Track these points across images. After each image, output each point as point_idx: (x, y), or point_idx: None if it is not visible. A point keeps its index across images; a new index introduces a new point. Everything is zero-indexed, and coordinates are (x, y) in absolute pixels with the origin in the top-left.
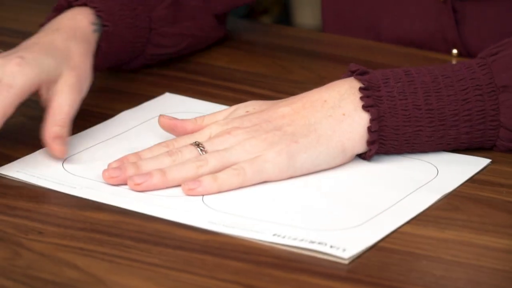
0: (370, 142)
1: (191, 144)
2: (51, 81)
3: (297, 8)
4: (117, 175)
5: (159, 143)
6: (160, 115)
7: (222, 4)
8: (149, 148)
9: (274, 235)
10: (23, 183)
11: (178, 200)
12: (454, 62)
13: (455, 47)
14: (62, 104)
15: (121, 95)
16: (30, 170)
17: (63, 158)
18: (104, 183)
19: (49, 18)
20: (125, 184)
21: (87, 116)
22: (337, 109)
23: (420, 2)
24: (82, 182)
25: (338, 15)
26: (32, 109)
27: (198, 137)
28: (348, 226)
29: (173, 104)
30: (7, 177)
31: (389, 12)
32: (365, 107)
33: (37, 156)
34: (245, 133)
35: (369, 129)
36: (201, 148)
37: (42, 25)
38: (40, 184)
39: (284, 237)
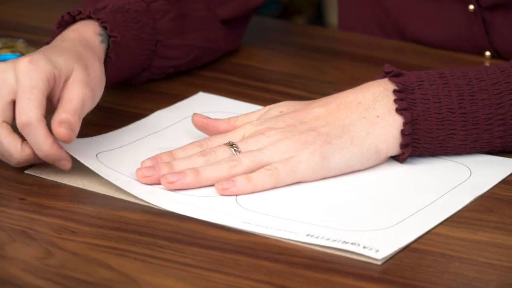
0: (403, 145)
1: (225, 144)
2: (63, 78)
3: (330, 9)
4: (150, 174)
5: (193, 143)
6: (194, 114)
7: (227, 12)
8: (183, 147)
9: (307, 235)
10: (56, 182)
11: (212, 200)
12: (487, 64)
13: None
14: (72, 97)
15: (155, 95)
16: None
17: (69, 143)
18: (137, 181)
19: (53, 35)
20: (159, 183)
21: (121, 116)
22: (371, 111)
23: (449, 12)
24: (116, 182)
25: (368, 25)
26: None
27: (232, 137)
28: (381, 227)
29: (206, 104)
30: (40, 176)
31: (418, 21)
32: (398, 110)
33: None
34: (279, 133)
35: (403, 132)
36: (235, 148)
37: (47, 42)
38: (73, 184)
39: (317, 237)
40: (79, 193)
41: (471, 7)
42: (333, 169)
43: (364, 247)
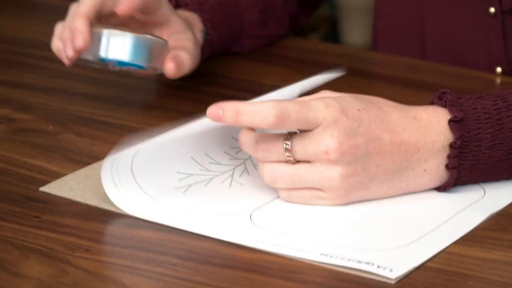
0: (441, 189)
1: (284, 139)
2: (177, 31)
3: (346, 26)
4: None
5: (265, 103)
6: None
7: (296, 7)
8: (254, 108)
9: (321, 254)
10: (70, 200)
11: (226, 219)
12: (498, 81)
13: (499, 64)
14: (187, 47)
15: (169, 113)
16: (78, 186)
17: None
18: (152, 198)
19: None
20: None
21: (135, 134)
22: (422, 164)
23: (469, 14)
24: (130, 200)
25: (388, 26)
26: (79, 126)
27: (293, 117)
28: (395, 246)
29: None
30: (54, 194)
31: (437, 23)
32: (448, 168)
33: (85, 173)
34: (338, 162)
35: (444, 187)
36: (289, 154)
37: None
38: (87, 201)
39: (331, 256)
40: (93, 211)
41: (492, 9)
42: (352, 201)
43: (378, 266)
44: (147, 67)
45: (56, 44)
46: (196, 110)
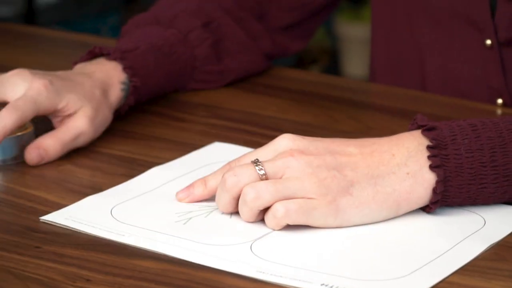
0: (433, 202)
1: (251, 162)
2: (68, 112)
3: (346, 58)
4: (184, 198)
5: (225, 165)
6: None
7: (270, 47)
8: (214, 173)
9: (322, 284)
10: (71, 230)
11: (226, 249)
12: (499, 112)
13: (500, 95)
14: (70, 127)
15: (170, 144)
16: (79, 217)
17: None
18: (152, 230)
19: (82, 59)
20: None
21: (136, 165)
22: (403, 167)
23: (466, 47)
24: (131, 230)
25: (385, 58)
26: (80, 156)
27: (261, 154)
28: (396, 277)
29: (222, 153)
30: (55, 224)
31: (435, 57)
32: (432, 167)
33: (85, 204)
34: (308, 163)
35: (434, 191)
36: (260, 167)
37: (75, 62)
38: (89, 231)
39: (332, 286)
40: (94, 241)
41: (488, 42)
42: (346, 221)
43: None
44: (9, 160)
45: None
46: (198, 142)
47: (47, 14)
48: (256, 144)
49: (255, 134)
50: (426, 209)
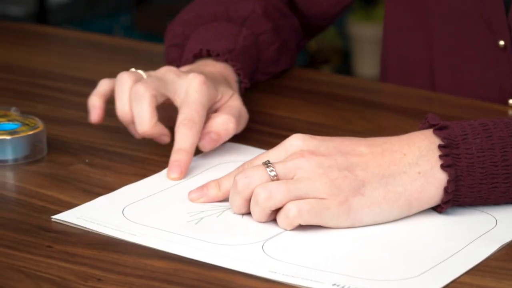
0: (444, 202)
1: (263, 164)
2: (220, 104)
3: (357, 58)
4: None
5: (238, 167)
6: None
7: (302, 41)
8: (228, 174)
9: (333, 285)
10: (83, 229)
11: (238, 248)
12: (511, 112)
13: (511, 95)
14: (233, 106)
15: None
16: (90, 216)
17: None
18: (164, 230)
19: (188, 61)
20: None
21: (147, 165)
22: (414, 167)
23: (478, 48)
24: (142, 230)
25: (396, 58)
26: (92, 156)
27: (272, 156)
28: (408, 277)
29: (233, 153)
30: (67, 223)
31: (446, 57)
32: (443, 167)
33: (97, 203)
34: (319, 163)
35: (446, 190)
36: (271, 169)
37: (178, 65)
38: (100, 230)
39: (343, 287)
40: (105, 241)
41: (502, 43)
42: (358, 221)
43: None
44: (21, 159)
45: (93, 101)
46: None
47: (59, 14)
48: (268, 144)
49: (266, 134)
50: (438, 209)
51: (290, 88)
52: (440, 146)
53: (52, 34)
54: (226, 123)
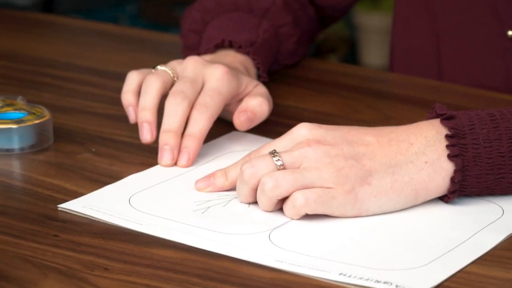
0: (451, 192)
1: (269, 154)
2: (245, 94)
3: (364, 47)
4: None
5: (244, 156)
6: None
7: (316, 32)
8: (235, 163)
9: (340, 274)
10: (89, 219)
11: (245, 238)
12: None
13: None
14: (253, 104)
15: None
16: (97, 205)
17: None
18: (171, 219)
19: (209, 50)
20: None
21: (154, 154)
22: (421, 156)
23: (486, 37)
24: (149, 219)
25: (405, 47)
26: (98, 145)
27: (278, 145)
28: (414, 266)
29: (240, 142)
30: (73, 212)
31: (454, 46)
32: (450, 157)
33: (103, 192)
34: (326, 152)
35: (452, 180)
36: (277, 158)
37: (198, 53)
38: (107, 220)
39: (350, 276)
40: (112, 230)
41: (510, 32)
42: (365, 210)
43: (396, 286)
44: (27, 148)
45: (127, 99)
46: (216, 131)
47: (65, 3)
48: (274, 133)
49: (273, 123)
50: (445, 198)
51: (297, 78)
52: (447, 136)
53: (58, 23)
54: (261, 104)
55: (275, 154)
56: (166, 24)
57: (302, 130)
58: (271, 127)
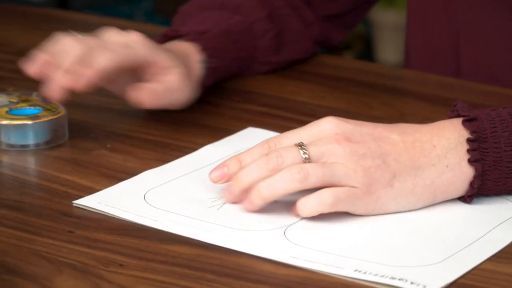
0: (469, 196)
1: (295, 145)
2: (162, 68)
3: (379, 44)
4: (219, 179)
5: (261, 143)
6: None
7: (318, 34)
8: (250, 150)
9: (355, 270)
10: (104, 215)
11: (260, 234)
12: None
13: None
14: (164, 80)
15: (204, 129)
16: (112, 202)
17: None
18: (186, 216)
19: (158, 42)
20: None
21: (169, 150)
22: (442, 160)
23: (504, 33)
24: (164, 215)
25: (420, 44)
26: (113, 141)
27: (304, 136)
28: (429, 263)
29: (255, 139)
30: (88, 208)
31: (471, 43)
32: (471, 161)
33: (118, 188)
34: (353, 151)
35: (471, 185)
36: (304, 150)
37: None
38: (122, 216)
39: (365, 272)
40: (127, 226)
41: None
42: (383, 211)
43: (411, 283)
44: (42, 144)
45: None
46: (231, 127)
47: None
48: (288, 129)
49: (288, 120)
50: (461, 199)
51: (312, 74)
52: (468, 140)
53: (73, 20)
54: (148, 91)
55: (302, 146)
56: None
57: (329, 125)
58: (286, 123)
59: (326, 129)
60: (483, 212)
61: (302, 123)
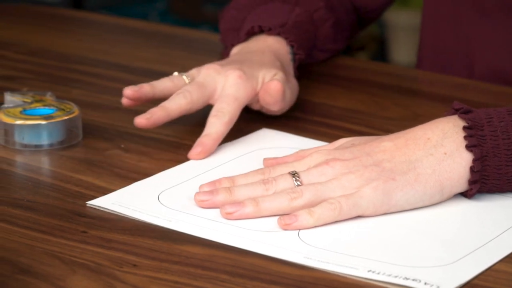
0: (472, 182)
1: (288, 173)
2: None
3: (393, 45)
4: (207, 198)
5: (256, 170)
6: (264, 159)
7: (355, 20)
8: (245, 174)
9: (369, 271)
10: (118, 215)
11: (274, 235)
12: None
13: None
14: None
15: None
16: (126, 202)
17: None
18: (200, 216)
19: (240, 39)
20: (216, 207)
21: (183, 150)
22: (439, 148)
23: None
24: (178, 216)
25: (435, 48)
26: (127, 141)
27: (296, 166)
28: (442, 264)
29: (269, 139)
30: (102, 209)
31: (483, 48)
32: (468, 147)
33: (132, 189)
34: (344, 166)
35: (472, 169)
36: (297, 178)
37: (232, 44)
38: (136, 216)
39: (379, 273)
40: (140, 226)
41: None
42: (394, 205)
43: (425, 283)
44: (56, 144)
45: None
46: (245, 128)
47: None
48: (304, 130)
49: (303, 121)
50: (468, 192)
51: (327, 75)
52: (464, 128)
53: (87, 20)
54: (274, 81)
55: (295, 174)
56: (195, 21)
57: (320, 155)
58: (301, 124)
59: (317, 158)
60: (497, 213)
61: (317, 123)
